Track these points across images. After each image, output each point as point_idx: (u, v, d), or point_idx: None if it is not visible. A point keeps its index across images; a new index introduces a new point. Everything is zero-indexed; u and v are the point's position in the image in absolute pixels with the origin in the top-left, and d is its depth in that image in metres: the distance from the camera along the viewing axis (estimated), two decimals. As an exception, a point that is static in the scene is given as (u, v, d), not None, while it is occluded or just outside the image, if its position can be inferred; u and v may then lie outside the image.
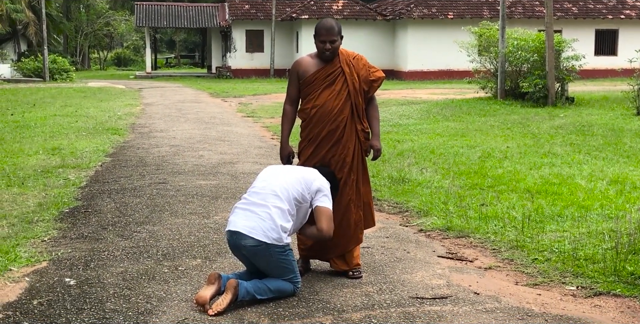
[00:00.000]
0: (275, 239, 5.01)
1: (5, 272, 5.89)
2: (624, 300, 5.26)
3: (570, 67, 21.55)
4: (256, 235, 4.98)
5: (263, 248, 5.01)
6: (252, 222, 5.05)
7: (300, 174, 5.36)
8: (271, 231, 5.01)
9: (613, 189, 8.89)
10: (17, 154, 12.43)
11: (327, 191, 5.33)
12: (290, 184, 5.23)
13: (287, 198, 5.17)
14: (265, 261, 5.11)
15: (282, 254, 5.09)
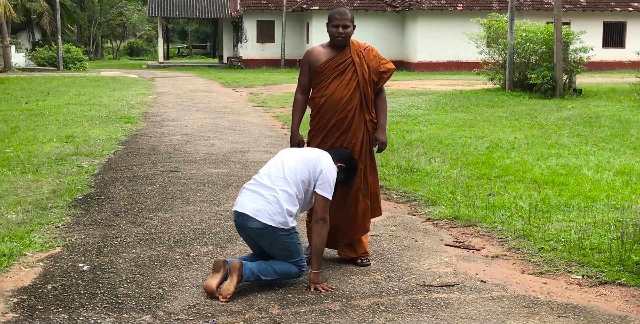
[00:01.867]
0: (281, 222, 5.02)
1: (20, 257, 5.92)
2: (629, 289, 5.26)
3: (578, 59, 21.48)
4: (262, 218, 4.99)
5: (268, 231, 5.02)
6: (258, 204, 5.06)
7: (309, 155, 5.33)
8: (277, 215, 5.01)
9: (619, 180, 8.88)
10: (31, 141, 12.47)
11: (331, 177, 5.24)
12: (299, 167, 5.20)
13: (295, 182, 5.14)
14: (270, 244, 5.13)
15: (287, 237, 5.09)
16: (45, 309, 4.82)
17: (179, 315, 4.73)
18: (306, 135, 5.89)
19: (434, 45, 37.42)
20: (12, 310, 4.81)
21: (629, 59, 26.93)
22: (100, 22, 61.49)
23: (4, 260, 5.80)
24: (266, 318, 4.69)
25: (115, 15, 62.57)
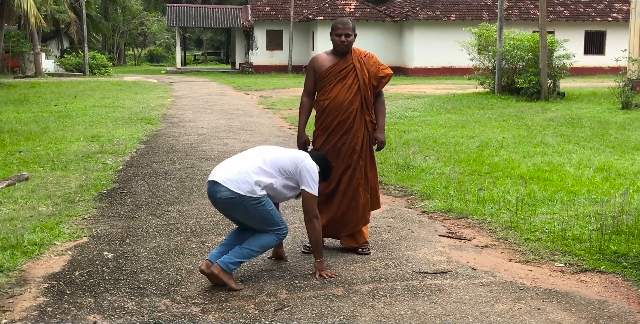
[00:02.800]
0: (249, 191, 4.81)
1: (50, 246, 5.95)
2: (607, 276, 5.26)
3: (562, 65, 21.45)
4: (230, 186, 4.81)
5: (237, 200, 4.83)
6: (229, 174, 4.88)
7: (289, 154, 5.15)
8: (245, 184, 4.82)
9: (599, 176, 8.87)
10: (60, 141, 12.50)
11: (313, 174, 5.08)
12: (278, 157, 5.04)
13: (272, 164, 4.97)
14: (243, 213, 4.93)
15: (258, 205, 4.86)
16: (73, 294, 4.84)
17: (195, 299, 4.75)
18: (311, 135, 5.90)
19: (429, 52, 37.37)
20: (42, 294, 4.83)
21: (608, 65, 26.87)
22: (123, 31, 61.55)
23: (35, 249, 5.82)
24: (275, 301, 4.71)
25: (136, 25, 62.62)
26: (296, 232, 6.44)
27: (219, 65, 61.99)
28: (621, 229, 6.23)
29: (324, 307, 4.61)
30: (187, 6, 49.46)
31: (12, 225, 6.58)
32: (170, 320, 4.39)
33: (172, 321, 4.38)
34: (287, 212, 7.20)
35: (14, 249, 5.78)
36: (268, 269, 5.38)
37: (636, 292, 4.92)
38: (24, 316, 4.45)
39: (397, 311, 4.54)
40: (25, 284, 5.03)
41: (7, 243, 5.93)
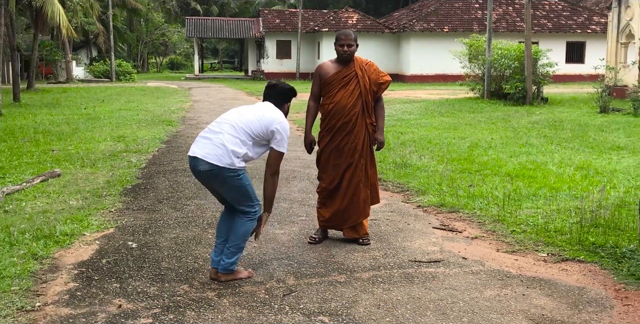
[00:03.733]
0: (228, 163, 4.63)
1: (80, 236, 5.97)
2: (586, 265, 5.26)
3: (545, 72, 21.41)
4: (210, 159, 4.62)
5: (216, 172, 4.64)
6: (206, 148, 4.68)
7: (260, 113, 4.86)
8: (224, 156, 4.63)
9: (579, 174, 8.85)
10: (89, 141, 12.53)
11: (284, 133, 4.84)
12: (249, 121, 4.77)
13: (242, 130, 4.72)
14: (221, 185, 4.74)
15: (236, 178, 4.69)
16: (100, 280, 4.86)
17: (211, 285, 4.76)
18: (317, 135, 5.90)
19: (424, 60, 37.31)
20: (73, 280, 4.85)
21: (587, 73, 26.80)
22: (146, 41, 61.62)
23: (66, 239, 5.84)
24: (283, 287, 4.71)
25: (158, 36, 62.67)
26: (303, 224, 6.45)
27: (233, 72, 62.01)
28: (599, 223, 6.23)
29: (328, 292, 4.61)
30: (205, 19, 49.50)
31: (46, 217, 6.61)
32: (188, 304, 4.39)
33: (190, 304, 4.38)
34: (294, 206, 7.21)
35: (47, 239, 5.80)
36: (277, 257, 5.39)
37: (612, 280, 4.91)
38: (55, 299, 4.47)
39: (394, 296, 4.54)
40: (57, 270, 5.05)
41: (41, 233, 5.95)
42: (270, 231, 6.18)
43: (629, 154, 10.64)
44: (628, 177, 8.54)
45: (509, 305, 4.41)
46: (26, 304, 4.33)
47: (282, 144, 4.84)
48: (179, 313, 4.24)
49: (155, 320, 4.12)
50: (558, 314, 4.27)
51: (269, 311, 4.27)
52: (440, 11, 38.34)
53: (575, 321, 4.18)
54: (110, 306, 4.35)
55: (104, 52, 46.45)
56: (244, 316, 4.19)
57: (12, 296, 4.47)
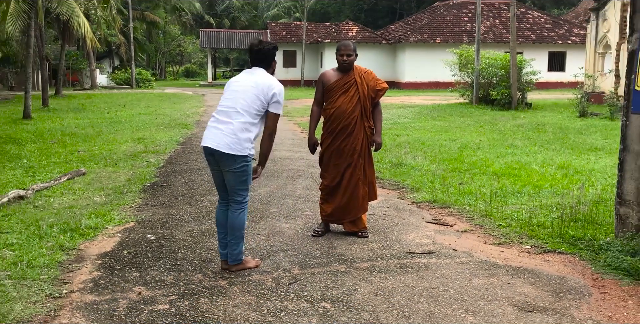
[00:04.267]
0: (239, 150, 4.63)
1: (103, 229, 5.97)
2: (566, 256, 5.25)
3: (529, 80, 21.38)
4: (223, 149, 4.62)
5: (229, 156, 4.63)
6: (218, 138, 4.66)
7: (260, 83, 4.76)
8: (235, 144, 4.62)
9: (560, 173, 8.84)
10: (112, 142, 12.54)
11: (281, 97, 4.82)
12: (251, 100, 4.70)
13: (249, 112, 4.68)
14: (229, 170, 4.70)
15: (244, 164, 4.68)
16: (121, 269, 4.86)
17: (223, 274, 4.76)
18: (319, 137, 5.90)
19: (418, 69, 37.28)
20: (97, 269, 4.86)
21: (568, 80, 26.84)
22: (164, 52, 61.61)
23: (90, 232, 5.85)
24: (289, 276, 4.71)
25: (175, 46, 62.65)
26: (307, 219, 6.44)
27: (243, 80, 61.79)
28: (578, 217, 6.22)
29: (330, 281, 4.61)
30: (217, 31, 49.49)
31: (72, 212, 6.62)
32: (202, 291, 4.40)
33: (203, 292, 4.39)
34: (299, 202, 7.21)
35: (73, 232, 5.81)
36: (283, 249, 5.39)
37: (590, 270, 4.90)
38: (81, 287, 4.47)
39: (390, 285, 4.54)
40: (82, 261, 5.06)
41: (68, 226, 5.96)
42: (277, 224, 6.19)
43: (605, 154, 10.62)
44: (605, 176, 8.52)
45: (495, 293, 4.41)
46: (54, 292, 4.34)
47: (279, 107, 4.84)
48: (194, 299, 4.25)
49: (171, 306, 4.12)
50: (540, 301, 4.27)
51: (275, 298, 4.28)
52: (432, 24, 38.30)
53: (556, 307, 4.17)
54: (130, 293, 4.36)
55: (125, 61, 46.46)
56: (252, 303, 4.20)
57: (42, 284, 4.48)
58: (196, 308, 4.09)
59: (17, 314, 3.93)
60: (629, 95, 5.14)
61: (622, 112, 5.29)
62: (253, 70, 4.93)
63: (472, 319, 3.96)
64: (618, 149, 5.38)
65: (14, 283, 4.46)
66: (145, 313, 4.02)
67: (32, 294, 4.26)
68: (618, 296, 4.37)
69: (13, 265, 4.80)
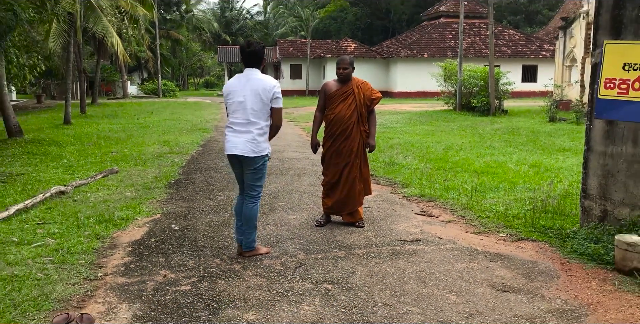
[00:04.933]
0: (260, 151, 4.64)
1: (133, 220, 5.98)
2: (538, 243, 5.24)
3: (505, 89, 21.30)
4: (247, 153, 4.62)
5: (251, 158, 4.64)
6: (243, 145, 4.62)
7: (262, 87, 4.63)
8: (257, 148, 4.63)
9: (532, 171, 8.82)
10: (141, 145, 12.54)
11: (279, 92, 4.69)
12: (259, 107, 4.61)
13: (261, 118, 4.63)
14: (250, 169, 4.69)
15: (263, 164, 4.71)
16: (149, 255, 4.87)
17: (237, 259, 4.76)
18: (321, 139, 5.89)
19: (409, 80, 37.19)
20: (127, 255, 4.86)
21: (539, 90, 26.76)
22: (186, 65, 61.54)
23: (122, 222, 5.85)
24: (295, 261, 4.71)
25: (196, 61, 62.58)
26: (311, 211, 6.44)
27: (256, 90, 61.72)
28: (548, 209, 6.20)
29: (331, 265, 4.61)
30: (233, 47, 49.47)
31: (106, 205, 6.62)
32: (219, 274, 4.40)
33: (220, 274, 4.39)
34: (304, 197, 7.21)
35: (107, 222, 5.82)
36: (290, 237, 5.39)
37: (559, 255, 4.89)
38: (114, 270, 4.48)
39: (384, 268, 4.54)
40: (115, 247, 5.07)
41: (102, 218, 5.96)
42: (284, 216, 6.18)
43: (572, 154, 10.59)
44: (572, 173, 8.50)
45: (476, 275, 4.40)
46: (90, 275, 4.35)
47: (280, 101, 4.73)
48: (212, 281, 4.25)
49: (193, 287, 4.13)
50: (515, 283, 4.26)
51: (283, 280, 4.28)
52: (421, 41, 38.22)
53: (529, 288, 4.16)
54: (157, 276, 4.36)
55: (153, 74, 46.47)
56: (263, 284, 4.19)
57: (79, 268, 4.48)
58: (214, 289, 4.09)
59: (58, 294, 3.94)
60: (592, 102, 5.13)
61: (587, 118, 5.28)
62: (248, 74, 4.73)
63: (455, 298, 3.96)
64: (583, 150, 5.37)
65: (55, 267, 4.47)
66: (170, 293, 4.02)
67: (71, 277, 4.27)
68: (583, 278, 4.36)
69: (55, 251, 4.81)
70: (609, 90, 4.93)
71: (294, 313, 3.68)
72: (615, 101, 4.91)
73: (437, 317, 3.64)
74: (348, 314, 3.68)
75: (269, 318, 3.60)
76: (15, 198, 6.91)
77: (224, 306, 3.79)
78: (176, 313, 3.68)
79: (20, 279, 4.13)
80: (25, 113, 23.46)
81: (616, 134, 5.00)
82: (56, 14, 14.32)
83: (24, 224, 5.67)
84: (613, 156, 5.03)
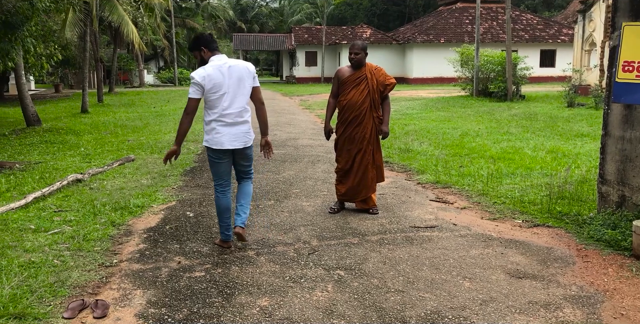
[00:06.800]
0: (252, 139, 4.65)
1: (149, 208, 6.02)
2: (554, 229, 5.18)
3: (523, 75, 21.04)
4: (248, 144, 4.59)
5: (249, 147, 4.63)
6: (243, 138, 4.55)
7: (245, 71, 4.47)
8: (251, 135, 4.62)
9: (549, 157, 8.71)
10: (157, 133, 12.61)
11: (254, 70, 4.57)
12: (247, 91, 4.51)
13: (249, 103, 4.54)
14: (246, 156, 4.69)
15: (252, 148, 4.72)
16: (164, 242, 4.90)
17: (251, 246, 4.77)
18: (334, 126, 5.86)
19: (425, 66, 36.87)
20: (142, 242, 4.89)
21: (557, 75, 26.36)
22: (202, 53, 61.55)
23: (138, 209, 5.89)
24: (308, 247, 4.71)
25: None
26: (325, 198, 6.43)
27: (271, 77, 61.74)
28: (565, 195, 6.13)
29: (344, 251, 4.60)
30: (248, 35, 49.41)
31: (122, 193, 6.67)
32: (233, 261, 4.41)
33: (234, 261, 4.40)
34: (318, 184, 7.19)
35: (123, 210, 5.86)
36: (304, 224, 5.38)
37: (575, 241, 4.83)
38: (129, 257, 4.51)
39: (397, 255, 4.52)
40: (130, 234, 5.10)
41: (118, 205, 6.01)
42: (298, 203, 6.18)
43: (590, 140, 10.44)
44: (589, 159, 8.38)
45: (490, 262, 4.36)
46: (106, 261, 4.39)
47: (257, 81, 4.63)
48: (226, 267, 4.27)
49: (207, 274, 4.14)
50: (530, 269, 4.22)
51: (296, 266, 4.28)
52: (437, 26, 37.79)
53: (544, 274, 4.12)
54: (172, 262, 4.38)
55: (169, 63, 46.60)
56: (276, 270, 4.20)
57: (95, 254, 4.53)
58: (228, 275, 4.11)
59: (74, 280, 3.98)
60: (610, 86, 5.02)
61: (605, 102, 5.18)
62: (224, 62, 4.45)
63: (469, 284, 3.93)
64: (600, 135, 5.27)
65: (71, 253, 4.51)
66: (184, 279, 4.04)
67: (87, 264, 4.31)
68: (599, 265, 4.30)
69: (71, 238, 4.86)
70: (627, 73, 4.82)
71: (306, 299, 3.68)
72: (633, 84, 4.80)
73: (451, 303, 3.62)
74: (361, 300, 3.67)
75: (281, 304, 3.60)
76: (33, 186, 6.99)
77: (237, 292, 3.81)
78: (190, 299, 3.70)
79: (37, 266, 4.18)
80: (44, 102, 23.69)
81: (635, 118, 4.90)
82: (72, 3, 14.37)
83: (41, 212, 5.73)
84: (631, 141, 4.94)
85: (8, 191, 6.81)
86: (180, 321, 3.39)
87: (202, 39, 4.52)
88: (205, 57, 4.52)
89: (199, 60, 4.58)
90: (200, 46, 4.51)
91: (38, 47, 13.20)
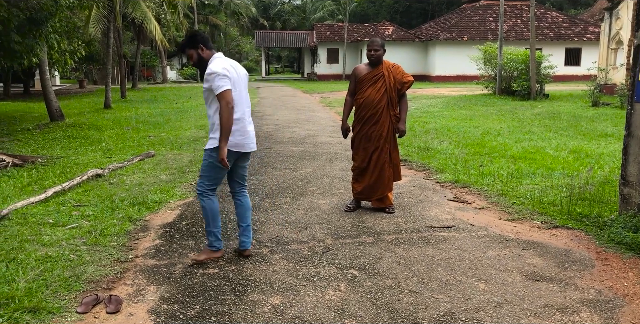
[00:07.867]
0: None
1: (166, 204, 6.05)
2: (573, 231, 5.09)
3: (547, 73, 20.74)
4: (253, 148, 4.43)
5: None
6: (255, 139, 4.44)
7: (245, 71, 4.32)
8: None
9: (572, 157, 8.56)
10: (178, 129, 12.68)
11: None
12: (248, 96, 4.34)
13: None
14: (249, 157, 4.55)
15: None
16: (180, 238, 4.91)
17: (266, 243, 4.76)
18: (351, 124, 5.82)
19: (447, 64, 36.55)
20: (159, 238, 4.92)
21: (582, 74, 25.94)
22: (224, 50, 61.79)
23: (155, 205, 5.92)
24: (322, 246, 4.69)
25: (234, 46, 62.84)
26: (341, 196, 6.39)
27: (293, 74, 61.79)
28: (585, 196, 6.01)
29: (358, 251, 4.57)
30: (270, 32, 49.50)
31: (141, 188, 6.71)
32: (247, 258, 4.40)
33: (248, 258, 4.39)
34: (335, 182, 7.16)
35: (141, 205, 5.90)
36: (319, 222, 5.36)
37: (595, 244, 4.74)
38: (144, 253, 4.54)
39: (412, 255, 4.47)
40: (147, 230, 5.13)
41: (136, 200, 6.05)
42: (314, 201, 6.16)
43: (615, 140, 10.23)
44: (613, 159, 8.21)
45: (507, 263, 4.29)
46: (121, 256, 4.41)
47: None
48: (239, 265, 4.26)
49: (220, 270, 4.15)
50: (547, 271, 4.14)
51: (310, 265, 4.26)
52: (460, 23, 37.44)
53: (561, 277, 4.04)
54: (186, 258, 4.40)
55: (192, 59, 46.85)
56: (290, 269, 4.19)
57: (111, 250, 4.56)
58: (241, 272, 4.10)
59: (89, 275, 4.01)
60: (634, 85, 4.90)
61: (628, 101, 5.06)
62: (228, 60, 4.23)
63: (484, 286, 3.87)
64: (623, 135, 5.15)
65: (88, 248, 4.55)
66: (198, 276, 4.05)
67: (103, 259, 4.35)
68: (619, 268, 4.21)
69: (88, 233, 4.90)
70: (652, 72, 4.70)
71: (318, 299, 3.66)
72: (658, 84, 4.68)
73: (465, 305, 3.57)
74: (373, 300, 3.64)
75: (293, 303, 3.59)
76: (54, 181, 7.07)
77: (250, 289, 3.80)
78: (202, 295, 3.71)
79: (54, 260, 4.22)
80: (68, 97, 24.01)
81: (659, 118, 4.77)
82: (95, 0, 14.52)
83: (61, 206, 5.79)
84: (655, 142, 4.81)
85: (29, 184, 6.91)
86: (192, 317, 3.40)
87: (200, 36, 4.17)
88: (204, 56, 4.16)
89: (195, 60, 4.17)
90: (198, 44, 4.13)
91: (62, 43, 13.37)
